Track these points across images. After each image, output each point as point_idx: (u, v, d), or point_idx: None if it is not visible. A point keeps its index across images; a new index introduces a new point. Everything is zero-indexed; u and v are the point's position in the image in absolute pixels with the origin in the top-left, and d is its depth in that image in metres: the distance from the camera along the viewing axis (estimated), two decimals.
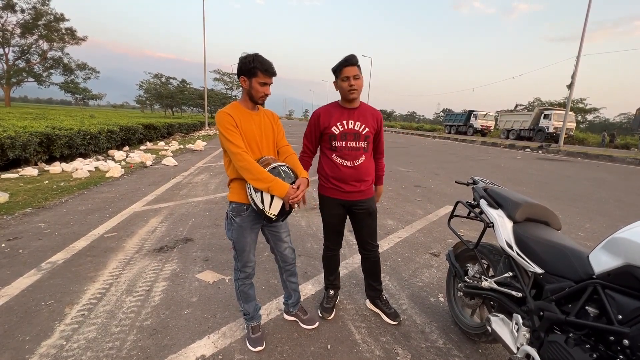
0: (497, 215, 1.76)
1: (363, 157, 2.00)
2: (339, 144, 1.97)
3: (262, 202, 1.62)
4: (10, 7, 34.91)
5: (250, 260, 1.86)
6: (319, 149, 2.15)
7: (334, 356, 1.84)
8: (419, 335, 2.05)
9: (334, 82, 1.96)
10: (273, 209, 1.63)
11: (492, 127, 31.65)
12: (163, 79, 50.49)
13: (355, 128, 1.97)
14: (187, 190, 5.54)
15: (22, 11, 35.88)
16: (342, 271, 2.83)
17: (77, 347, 1.82)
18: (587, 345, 1.17)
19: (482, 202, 1.94)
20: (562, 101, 42.08)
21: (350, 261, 3.05)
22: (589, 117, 48.60)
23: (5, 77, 36.64)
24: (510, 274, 1.65)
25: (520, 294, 1.55)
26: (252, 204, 1.67)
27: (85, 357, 1.75)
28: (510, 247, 1.62)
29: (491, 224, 1.79)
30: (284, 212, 1.67)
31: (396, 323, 2.14)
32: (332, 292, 2.29)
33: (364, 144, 1.99)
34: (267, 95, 1.72)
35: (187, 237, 3.46)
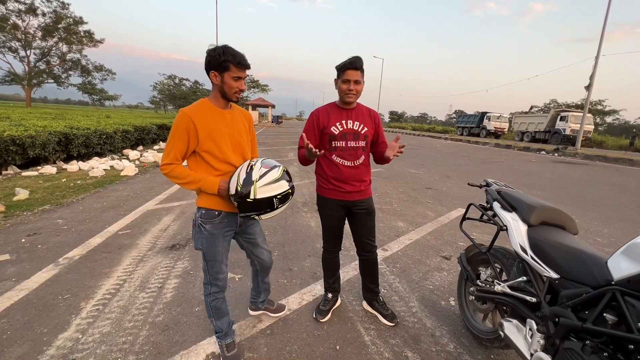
0: (511, 219, 1.73)
1: (363, 157, 2.01)
2: (339, 144, 1.96)
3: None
4: (32, 11, 36.19)
5: (221, 272, 1.70)
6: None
7: (343, 357, 1.83)
8: (429, 339, 2.03)
9: (335, 80, 1.95)
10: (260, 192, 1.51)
11: (506, 129, 31.03)
12: (176, 80, 51.45)
13: (355, 128, 1.96)
14: None
15: (43, 15, 37.17)
16: (351, 273, 2.83)
17: (92, 341, 1.87)
18: (605, 354, 1.13)
19: (496, 205, 1.90)
20: (579, 103, 40.98)
21: (355, 265, 3.02)
22: (608, 119, 47.16)
23: (27, 78, 37.97)
24: (525, 278, 1.61)
25: (534, 299, 1.52)
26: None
27: (99, 351, 1.80)
28: (525, 251, 1.59)
29: (505, 227, 1.75)
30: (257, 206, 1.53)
31: (393, 324, 2.12)
32: (330, 295, 2.27)
33: (363, 144, 1.99)
34: (242, 90, 1.58)
35: None
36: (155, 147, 12.18)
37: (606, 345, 1.16)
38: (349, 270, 2.86)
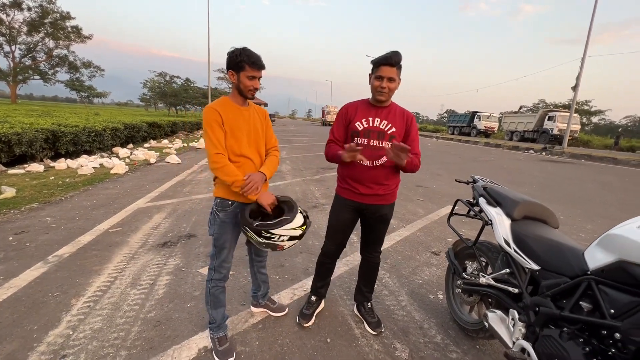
0: (495, 213, 1.79)
1: (385, 158, 1.83)
2: (361, 141, 1.83)
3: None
4: (17, 5, 35.25)
5: (227, 261, 1.83)
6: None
7: (334, 349, 1.88)
8: (417, 331, 2.08)
9: (370, 74, 1.84)
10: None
11: (496, 129, 31.51)
12: (167, 78, 50.73)
13: (381, 127, 1.83)
14: (191, 188, 5.60)
15: (29, 9, 36.24)
16: (344, 268, 2.87)
17: (84, 337, 1.87)
18: (581, 339, 1.19)
19: (482, 201, 1.96)
20: (567, 103, 41.80)
21: (351, 258, 3.07)
22: (595, 119, 48.21)
23: (12, 74, 37.00)
24: (508, 270, 1.68)
25: (516, 290, 1.58)
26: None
27: (91, 347, 1.80)
28: (508, 244, 1.65)
29: (490, 222, 1.81)
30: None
31: (375, 333, 2.02)
32: (314, 298, 2.19)
33: (387, 145, 1.81)
34: (256, 89, 1.70)
35: (190, 233, 3.51)
36: (146, 145, 12.03)
37: (582, 331, 1.22)
38: (340, 265, 2.90)
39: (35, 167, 6.50)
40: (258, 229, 1.60)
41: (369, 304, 2.19)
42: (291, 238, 1.66)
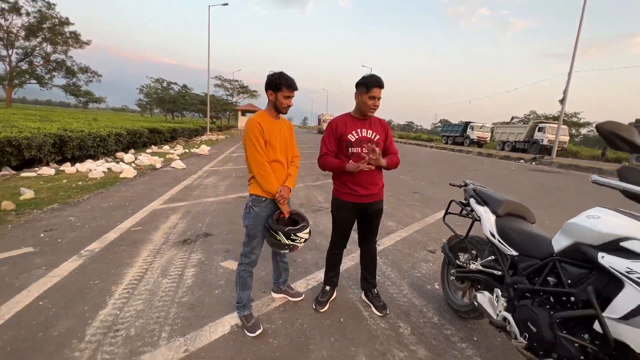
0: (483, 211, 2.15)
1: None
2: (355, 150, 2.19)
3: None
4: (15, 10, 35.43)
5: (257, 248, 2.15)
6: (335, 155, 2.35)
7: (347, 327, 2.19)
8: (417, 314, 2.41)
9: (356, 93, 2.17)
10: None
11: (488, 139, 32.33)
12: (164, 84, 51.04)
13: (369, 136, 2.22)
14: (199, 192, 5.88)
15: (28, 14, 36.44)
16: (350, 263, 3.19)
17: (130, 316, 2.16)
18: (547, 306, 1.54)
19: (472, 201, 2.32)
20: (556, 114, 43.06)
21: (356, 255, 3.38)
22: (583, 130, 49.68)
23: (8, 78, 36.94)
24: (493, 257, 2.02)
25: (500, 273, 1.92)
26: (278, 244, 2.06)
27: (138, 323, 2.09)
28: (493, 235, 2.00)
29: (478, 218, 2.17)
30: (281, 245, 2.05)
31: (382, 315, 2.34)
32: (328, 287, 2.49)
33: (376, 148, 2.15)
34: (289, 106, 2.08)
35: (207, 232, 3.80)
36: (148, 150, 12.27)
37: (548, 300, 1.56)
38: (346, 261, 3.22)
39: (47, 170, 6.74)
40: (288, 232, 2.00)
41: (375, 289, 2.52)
42: (304, 240, 2.09)
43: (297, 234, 2.01)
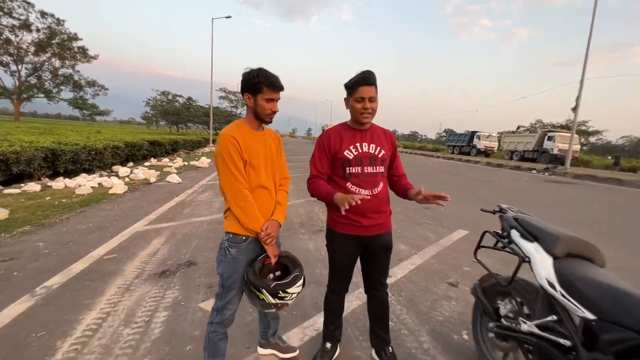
0: (534, 250, 1.61)
1: (381, 184, 1.76)
2: (354, 170, 1.71)
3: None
4: (26, 27, 36.20)
5: (233, 303, 1.61)
6: (328, 178, 1.83)
7: None
8: None
9: (345, 99, 1.73)
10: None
11: (496, 148, 31.67)
12: (170, 97, 51.56)
13: (371, 151, 1.74)
14: (191, 209, 5.40)
15: (38, 30, 37.21)
16: (356, 302, 2.65)
17: None
18: None
19: (514, 234, 1.78)
20: (564, 123, 42.35)
21: (360, 291, 2.84)
22: (592, 139, 48.72)
23: (17, 92, 37.49)
24: (554, 317, 1.47)
25: (568, 343, 1.37)
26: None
27: None
28: (553, 286, 1.46)
29: (527, 259, 1.63)
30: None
31: None
32: (329, 345, 1.95)
33: (381, 169, 1.76)
34: (274, 112, 1.57)
35: (190, 261, 3.29)
36: (146, 163, 11.92)
37: None
38: (352, 299, 2.68)
39: (32, 186, 6.33)
40: (276, 289, 1.46)
41: (390, 347, 1.97)
42: (297, 294, 1.56)
43: (287, 290, 1.47)
